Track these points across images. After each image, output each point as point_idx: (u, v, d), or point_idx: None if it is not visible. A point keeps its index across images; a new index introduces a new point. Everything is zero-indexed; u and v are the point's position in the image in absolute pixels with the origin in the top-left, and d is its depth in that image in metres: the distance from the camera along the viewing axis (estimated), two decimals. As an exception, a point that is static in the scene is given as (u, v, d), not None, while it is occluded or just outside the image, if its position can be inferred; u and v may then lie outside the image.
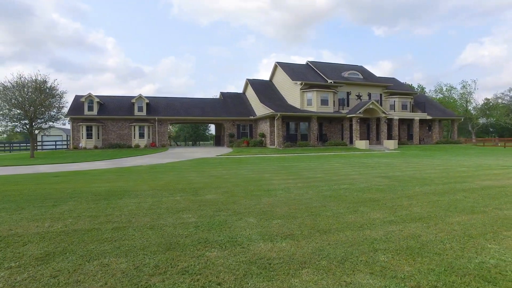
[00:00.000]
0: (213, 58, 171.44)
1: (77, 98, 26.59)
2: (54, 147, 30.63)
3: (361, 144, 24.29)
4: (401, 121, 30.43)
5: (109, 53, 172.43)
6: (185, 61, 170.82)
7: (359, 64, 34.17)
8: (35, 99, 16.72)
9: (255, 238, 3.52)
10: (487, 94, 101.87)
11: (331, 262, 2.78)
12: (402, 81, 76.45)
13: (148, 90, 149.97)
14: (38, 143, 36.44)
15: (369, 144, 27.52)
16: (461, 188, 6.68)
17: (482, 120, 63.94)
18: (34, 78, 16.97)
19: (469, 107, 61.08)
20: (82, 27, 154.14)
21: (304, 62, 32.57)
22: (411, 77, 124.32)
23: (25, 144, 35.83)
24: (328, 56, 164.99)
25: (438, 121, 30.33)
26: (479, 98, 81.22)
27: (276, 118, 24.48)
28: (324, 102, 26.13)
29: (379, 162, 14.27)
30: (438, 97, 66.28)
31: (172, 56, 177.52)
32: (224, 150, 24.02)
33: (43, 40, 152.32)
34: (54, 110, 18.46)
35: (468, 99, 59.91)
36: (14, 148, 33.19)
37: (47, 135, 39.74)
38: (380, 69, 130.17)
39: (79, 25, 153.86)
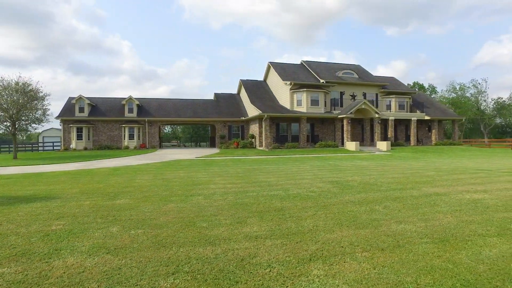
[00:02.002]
0: (226, 60, 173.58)
1: (69, 100, 27.05)
2: (52, 148, 31.33)
3: (351, 145, 23.51)
4: (399, 121, 29.33)
5: (125, 56, 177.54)
6: (199, 62, 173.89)
7: (357, 63, 33.31)
8: (17, 101, 17.02)
9: (81, 251, 3.22)
10: (506, 93, 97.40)
11: (102, 286, 2.43)
12: (415, 81, 74.01)
13: (162, 91, 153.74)
14: (40, 144, 37.52)
15: (362, 146, 26.66)
16: (395, 196, 6.13)
17: (498, 120, 61.37)
18: (16, 80, 17.32)
19: (482, 107, 58.58)
20: (99, 32, 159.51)
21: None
22: (425, 77, 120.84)
23: (29, 145, 36.93)
24: (340, 57, 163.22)
25: (437, 121, 29.02)
26: (494, 97, 77.87)
27: (263, 119, 24.07)
28: (314, 102, 25.49)
29: (354, 165, 13.66)
30: (451, 96, 64.15)
31: (185, 58, 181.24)
32: (210, 151, 23.81)
33: (63, 45, 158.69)
34: (39, 112, 18.75)
35: (478, 99, 57.45)
36: (18, 149, 34.02)
37: (48, 137, 40.87)
38: (393, 69, 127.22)
39: (96, 30, 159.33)
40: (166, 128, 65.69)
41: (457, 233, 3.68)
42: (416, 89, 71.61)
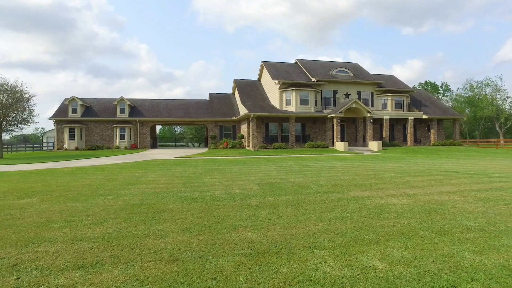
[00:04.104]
0: (242, 61, 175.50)
1: (64, 101, 27.79)
2: (52, 148, 32.33)
3: (340, 145, 22.79)
4: (396, 121, 28.24)
5: (143, 59, 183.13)
6: (215, 64, 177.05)
7: (353, 62, 32.39)
8: (1, 101, 17.59)
9: None
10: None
11: None
12: (427, 80, 71.23)
13: (179, 92, 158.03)
14: (44, 144, 38.91)
15: (354, 146, 25.83)
16: (305, 200, 5.75)
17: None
18: (1, 81, 17.92)
19: (501, 106, 55.75)
20: (118, 36, 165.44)
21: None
22: (443, 76, 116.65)
23: (31, 146, 38.40)
24: (354, 57, 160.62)
25: (436, 120, 27.66)
26: (512, 96, 73.74)
27: (250, 119, 23.76)
28: (303, 101, 24.91)
29: (325, 166, 13.17)
30: (467, 95, 61.74)
31: (202, 60, 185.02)
32: (198, 151, 23.78)
33: (84, 49, 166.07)
34: (25, 113, 19.32)
35: (494, 97, 54.66)
36: (19, 149, 35.35)
37: (51, 137, 42.27)
38: (409, 69, 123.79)
39: (116, 34, 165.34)
40: (176, 128, 66.61)
41: (294, 244, 3.28)
42: (429, 88, 69.02)
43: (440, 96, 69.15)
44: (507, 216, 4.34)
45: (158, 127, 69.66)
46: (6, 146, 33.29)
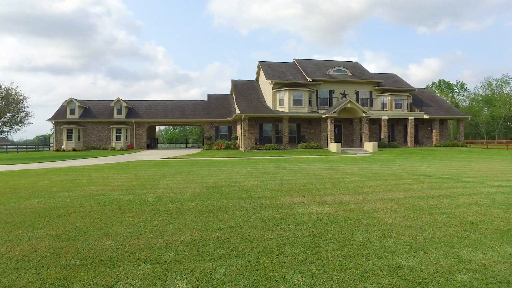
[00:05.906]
0: (257, 63, 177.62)
1: (63, 102, 28.56)
2: (51, 148, 33.35)
3: (333, 146, 22.14)
4: (396, 121, 27.19)
5: (159, 61, 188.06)
6: (230, 66, 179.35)
7: (354, 60, 31.51)
8: (-2, 104, 18.35)
9: None
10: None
11: None
12: (441, 79, 68.80)
13: (195, 93, 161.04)
14: (51, 145, 40.26)
15: (350, 147, 25.07)
16: (223, 206, 5.45)
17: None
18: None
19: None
20: (136, 40, 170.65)
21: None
22: (462, 75, 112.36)
23: (35, 146, 39.82)
24: (370, 57, 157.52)
25: (439, 120, 26.39)
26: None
27: (242, 119, 23.53)
28: (297, 101, 24.41)
29: (301, 167, 12.76)
30: (486, 93, 59.21)
31: (217, 62, 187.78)
32: (190, 152, 23.78)
33: (103, 52, 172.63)
34: (22, 114, 19.97)
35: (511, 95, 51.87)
36: (29, 149, 36.80)
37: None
38: (427, 68, 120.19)
39: (134, 38, 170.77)
40: (187, 129, 67.58)
41: (137, 256, 3.00)
42: (443, 87, 66.35)
43: (455, 95, 66.45)
44: (415, 229, 3.89)
45: (169, 128, 70.50)
46: (13, 146, 34.74)
